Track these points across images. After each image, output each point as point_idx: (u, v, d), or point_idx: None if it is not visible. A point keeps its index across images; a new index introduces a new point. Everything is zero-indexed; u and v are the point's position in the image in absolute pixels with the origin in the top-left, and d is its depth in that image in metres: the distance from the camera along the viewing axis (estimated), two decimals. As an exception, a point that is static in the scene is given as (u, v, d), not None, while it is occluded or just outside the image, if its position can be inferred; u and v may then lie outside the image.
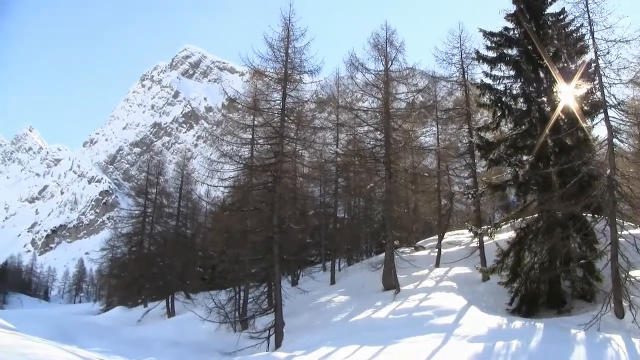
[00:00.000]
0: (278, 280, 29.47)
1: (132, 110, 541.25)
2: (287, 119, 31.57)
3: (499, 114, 26.08)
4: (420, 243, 45.09)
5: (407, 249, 41.57)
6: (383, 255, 36.06)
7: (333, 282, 41.30)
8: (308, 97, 34.11)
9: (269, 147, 33.74)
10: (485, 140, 26.84)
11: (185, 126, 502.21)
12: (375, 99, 35.84)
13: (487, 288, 27.14)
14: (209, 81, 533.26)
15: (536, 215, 24.62)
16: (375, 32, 34.96)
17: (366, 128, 37.37)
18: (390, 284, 30.79)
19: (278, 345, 26.90)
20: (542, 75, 25.35)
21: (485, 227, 28.54)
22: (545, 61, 23.93)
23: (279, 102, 31.88)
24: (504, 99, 26.02)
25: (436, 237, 41.47)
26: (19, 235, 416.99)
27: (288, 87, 31.31)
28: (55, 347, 14.55)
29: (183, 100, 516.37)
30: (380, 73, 34.39)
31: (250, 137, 34.99)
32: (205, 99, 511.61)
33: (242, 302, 37.85)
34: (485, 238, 29.51)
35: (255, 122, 34.68)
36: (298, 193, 40.48)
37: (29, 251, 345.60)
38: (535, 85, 25.62)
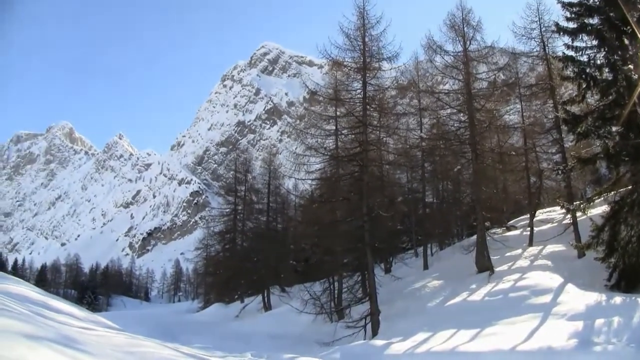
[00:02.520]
0: (371, 268, 29.59)
1: (216, 110, 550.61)
2: (368, 107, 31.66)
3: (584, 86, 25.44)
4: (511, 223, 44.35)
5: (498, 229, 40.93)
6: (474, 237, 35.67)
7: (426, 267, 41.05)
8: (388, 84, 33.94)
9: (353, 136, 33.85)
10: (571, 113, 26.21)
11: (268, 122, 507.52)
12: (456, 81, 35.43)
13: (583, 264, 26.56)
14: (289, 76, 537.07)
15: (630, 187, 24.00)
16: (451, 13, 34.42)
17: (449, 110, 36.97)
18: (484, 265, 30.44)
19: (375, 333, 27.02)
20: (626, 42, 24.61)
21: (577, 202, 27.96)
22: (630, 27, 23.27)
23: (359, 90, 31.99)
24: (587, 70, 25.38)
25: (527, 216, 40.77)
26: (117, 240, 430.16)
27: (367, 75, 31.38)
28: (159, 344, 14.99)
29: (264, 96, 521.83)
30: (459, 54, 33.89)
31: (334, 127, 35.11)
32: (286, 93, 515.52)
33: (336, 292, 38.12)
34: (578, 213, 28.89)
35: (338, 113, 34.76)
36: (385, 180, 40.45)
37: (127, 254, 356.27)
38: (619, 53, 24.91)
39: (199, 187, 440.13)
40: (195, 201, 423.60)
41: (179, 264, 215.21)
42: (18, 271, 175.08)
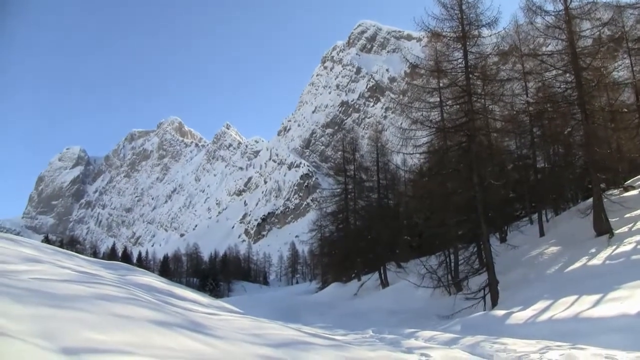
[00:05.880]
0: (486, 238, 29.31)
1: (319, 92, 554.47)
2: (471, 75, 31.31)
3: (697, 33, 24.46)
4: (628, 182, 43.03)
5: (615, 190, 39.86)
6: (590, 200, 34.78)
7: (542, 233, 40.30)
8: (489, 51, 33.39)
9: (458, 106, 33.54)
10: (685, 63, 25.26)
11: (371, 100, 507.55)
12: (559, 41, 34.45)
13: None
14: (388, 52, 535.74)
15: None
16: (549, -30, 33.69)
17: (554, 72, 35.91)
18: (602, 228, 29.60)
19: (494, 304, 26.86)
20: None
21: (698, 155, 26.93)
22: None
23: (460, 60, 31.65)
24: (700, 16, 24.39)
25: (645, 174, 39.52)
26: (233, 227, 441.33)
27: (467, 43, 31.04)
28: (283, 325, 15.36)
29: (365, 74, 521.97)
30: (560, 13, 32.89)
31: (438, 99, 34.94)
32: (387, 70, 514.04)
33: (452, 264, 37.95)
34: (700, 167, 27.86)
35: (441, 84, 34.59)
36: (494, 148, 39.92)
37: (244, 241, 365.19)
38: None
39: (309, 170, 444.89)
40: (305, 184, 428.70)
41: (295, 246, 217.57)
42: (142, 263, 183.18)
